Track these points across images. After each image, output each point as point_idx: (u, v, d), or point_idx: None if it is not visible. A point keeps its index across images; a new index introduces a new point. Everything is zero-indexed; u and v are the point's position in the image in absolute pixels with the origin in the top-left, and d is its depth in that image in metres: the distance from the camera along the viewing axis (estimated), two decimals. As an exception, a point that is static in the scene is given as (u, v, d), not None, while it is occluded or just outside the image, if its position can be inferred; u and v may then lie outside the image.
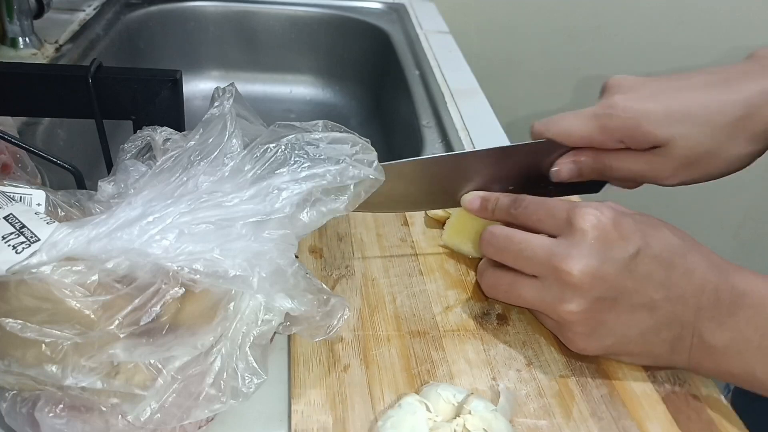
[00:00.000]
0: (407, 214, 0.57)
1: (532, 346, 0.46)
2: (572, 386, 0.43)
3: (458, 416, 0.37)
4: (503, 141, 0.74)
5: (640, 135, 0.47)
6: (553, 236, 0.43)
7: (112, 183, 0.39)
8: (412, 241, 0.54)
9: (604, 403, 0.42)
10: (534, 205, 0.45)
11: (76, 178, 0.43)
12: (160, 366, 0.32)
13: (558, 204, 0.44)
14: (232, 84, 0.42)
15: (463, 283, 0.51)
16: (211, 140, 0.38)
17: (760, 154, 0.49)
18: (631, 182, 0.52)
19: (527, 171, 0.52)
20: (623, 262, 0.40)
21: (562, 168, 0.51)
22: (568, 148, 0.51)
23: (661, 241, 0.42)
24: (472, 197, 0.50)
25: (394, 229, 0.56)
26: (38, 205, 0.36)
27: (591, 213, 0.41)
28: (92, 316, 0.31)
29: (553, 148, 0.51)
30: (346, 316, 0.39)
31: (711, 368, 0.41)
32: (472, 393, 0.40)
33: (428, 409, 0.37)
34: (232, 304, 0.34)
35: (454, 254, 0.54)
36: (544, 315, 0.44)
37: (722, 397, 0.43)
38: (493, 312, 0.48)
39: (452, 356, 0.44)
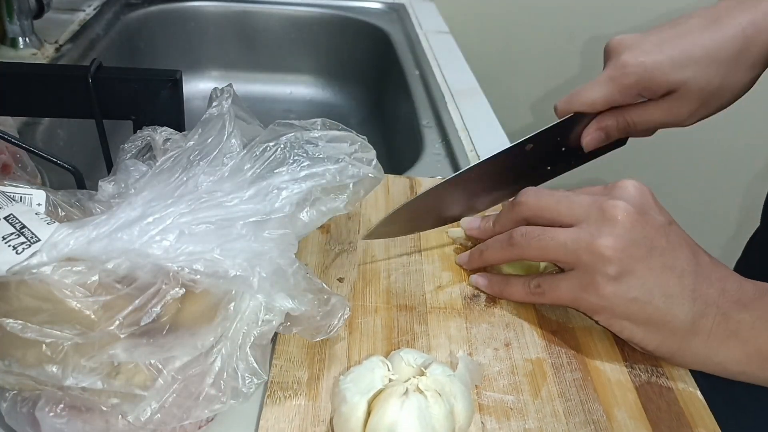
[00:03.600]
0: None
1: (515, 329, 0.46)
2: (546, 368, 0.43)
3: (414, 377, 0.37)
4: (503, 141, 0.74)
5: (655, 85, 0.51)
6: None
7: (113, 183, 0.39)
8: None
9: (575, 386, 0.42)
10: (545, 199, 0.45)
11: (76, 178, 0.43)
12: (160, 366, 0.32)
13: (576, 198, 0.45)
14: (230, 85, 0.42)
15: (460, 267, 0.51)
16: (210, 140, 0.38)
17: (759, 76, 0.53)
18: (652, 130, 0.55)
19: (556, 149, 0.55)
20: (660, 223, 0.43)
21: (591, 137, 0.54)
22: (591, 116, 0.54)
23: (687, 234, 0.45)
24: (470, 220, 0.52)
25: None
26: (38, 205, 0.36)
27: (618, 201, 0.43)
28: (93, 317, 0.31)
29: (578, 121, 0.54)
30: (346, 316, 0.39)
31: (734, 348, 0.41)
32: (435, 360, 0.40)
33: (389, 369, 0.38)
34: (233, 304, 0.34)
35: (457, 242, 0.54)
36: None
37: (698, 392, 0.43)
38: (484, 294, 0.49)
39: (434, 331, 0.45)
